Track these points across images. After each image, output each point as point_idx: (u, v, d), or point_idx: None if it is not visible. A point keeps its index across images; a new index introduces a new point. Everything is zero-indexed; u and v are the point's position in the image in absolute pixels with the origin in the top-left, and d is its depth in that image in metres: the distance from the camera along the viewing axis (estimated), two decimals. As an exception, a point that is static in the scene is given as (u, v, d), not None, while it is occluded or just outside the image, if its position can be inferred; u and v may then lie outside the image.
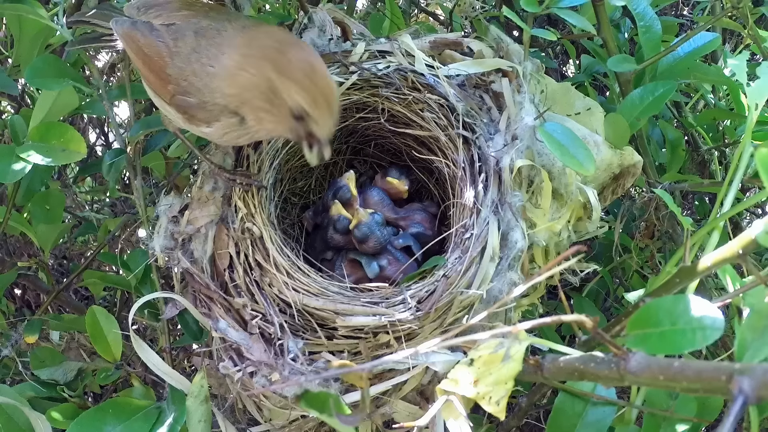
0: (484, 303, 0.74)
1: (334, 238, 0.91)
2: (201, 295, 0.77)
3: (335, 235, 0.90)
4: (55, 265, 1.34)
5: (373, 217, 0.88)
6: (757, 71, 0.66)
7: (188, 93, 0.69)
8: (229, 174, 0.80)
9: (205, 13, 0.72)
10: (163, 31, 0.70)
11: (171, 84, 0.69)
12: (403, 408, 0.73)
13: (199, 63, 0.68)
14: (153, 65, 0.70)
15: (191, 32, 0.69)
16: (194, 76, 0.68)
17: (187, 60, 0.68)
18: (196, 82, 0.68)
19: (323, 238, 0.94)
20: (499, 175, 0.78)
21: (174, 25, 0.70)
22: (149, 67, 0.71)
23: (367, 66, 0.86)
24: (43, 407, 0.78)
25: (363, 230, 0.87)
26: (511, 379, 0.50)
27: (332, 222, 0.90)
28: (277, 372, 0.69)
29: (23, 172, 0.76)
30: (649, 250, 1.07)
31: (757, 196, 0.66)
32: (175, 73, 0.69)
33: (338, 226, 0.89)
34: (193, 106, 0.69)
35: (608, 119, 0.83)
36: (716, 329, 0.42)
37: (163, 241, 0.79)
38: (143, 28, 0.72)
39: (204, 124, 0.70)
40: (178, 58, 0.69)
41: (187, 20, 0.71)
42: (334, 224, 0.90)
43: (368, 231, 0.87)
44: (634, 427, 0.66)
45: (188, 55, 0.68)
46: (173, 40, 0.69)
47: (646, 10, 0.88)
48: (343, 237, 0.90)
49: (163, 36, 0.70)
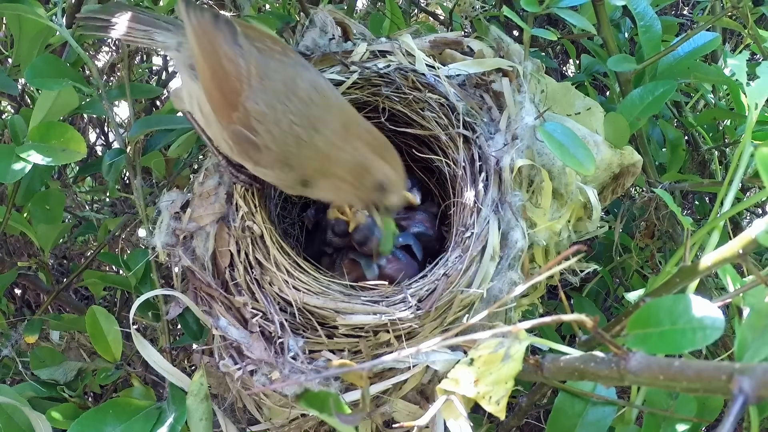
0: (485, 302, 0.74)
1: (333, 241, 0.91)
2: (202, 293, 0.77)
3: (334, 238, 0.91)
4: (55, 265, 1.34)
5: (372, 219, 0.88)
6: (757, 71, 0.66)
7: (256, 133, 0.67)
8: (235, 170, 0.80)
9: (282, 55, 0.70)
10: (247, 50, 0.67)
11: (239, 113, 0.66)
12: (403, 407, 0.73)
13: (286, 118, 0.67)
14: (227, 84, 0.66)
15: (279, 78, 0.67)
16: (276, 126, 0.66)
17: (272, 106, 0.66)
18: (275, 132, 0.67)
19: (322, 238, 0.94)
20: (499, 174, 0.78)
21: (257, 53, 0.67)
22: (221, 82, 0.66)
23: (368, 65, 0.86)
24: (43, 407, 0.78)
25: (363, 233, 0.87)
26: (511, 378, 0.50)
27: (330, 225, 0.90)
28: (277, 370, 0.69)
29: (23, 172, 0.75)
30: (649, 249, 1.07)
31: (757, 196, 0.66)
32: (252, 108, 0.66)
33: (336, 229, 0.90)
34: (253, 146, 0.67)
35: (608, 119, 0.83)
36: (716, 329, 0.42)
37: (164, 237, 0.79)
38: (227, 32, 0.67)
39: (253, 163, 0.70)
40: (261, 96, 0.66)
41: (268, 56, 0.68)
42: (332, 227, 0.90)
43: (368, 233, 0.87)
44: (634, 427, 0.66)
45: (274, 102, 0.66)
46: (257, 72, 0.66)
47: (646, 9, 0.88)
48: (341, 239, 0.90)
49: (246, 57, 0.66)
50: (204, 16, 0.68)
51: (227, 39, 0.67)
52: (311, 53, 0.87)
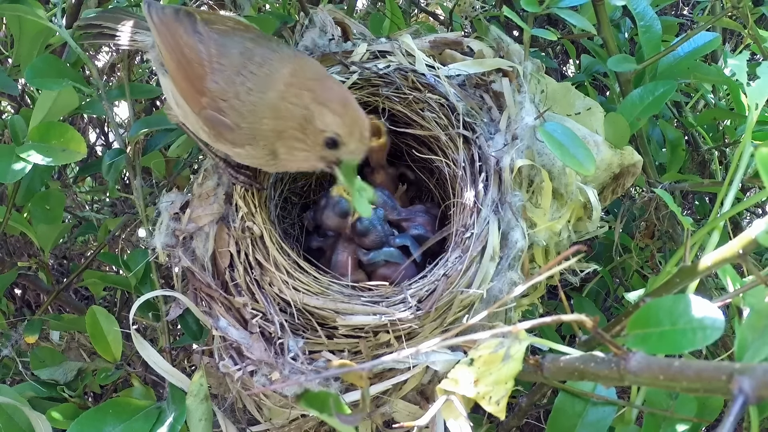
0: (485, 302, 0.74)
1: (330, 219, 0.89)
2: (202, 293, 0.77)
3: (332, 216, 0.88)
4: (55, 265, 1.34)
5: (376, 212, 0.87)
6: (757, 71, 0.66)
7: (223, 112, 0.67)
8: (234, 170, 0.80)
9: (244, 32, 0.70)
10: (205, 35, 0.67)
11: (206, 98, 0.67)
12: (403, 407, 0.73)
13: (244, 87, 0.66)
14: (191, 72, 0.67)
15: (237, 52, 0.67)
16: (236, 100, 0.66)
17: (231, 81, 0.66)
18: (238, 106, 0.66)
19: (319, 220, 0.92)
20: (499, 174, 0.78)
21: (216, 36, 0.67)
22: (186, 72, 0.67)
23: (368, 65, 0.86)
24: (43, 407, 0.78)
25: (365, 224, 0.86)
26: (511, 378, 0.50)
27: (331, 203, 0.88)
28: (277, 371, 0.69)
29: (23, 172, 0.75)
30: (649, 250, 1.07)
31: (757, 196, 0.66)
32: (215, 89, 0.66)
33: (337, 208, 0.87)
34: (225, 126, 0.67)
35: (608, 119, 0.83)
36: (716, 329, 0.42)
37: (164, 238, 0.79)
38: (187, 23, 0.68)
39: (230, 144, 0.69)
40: (221, 75, 0.66)
41: (228, 36, 0.68)
42: (333, 205, 0.88)
43: (370, 225, 0.86)
44: (634, 427, 0.66)
45: (232, 77, 0.66)
46: (216, 54, 0.66)
47: (646, 9, 0.88)
48: (339, 220, 0.88)
49: (206, 42, 0.67)
50: (165, 13, 0.69)
51: (187, 29, 0.68)
52: (311, 53, 0.87)
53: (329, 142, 0.66)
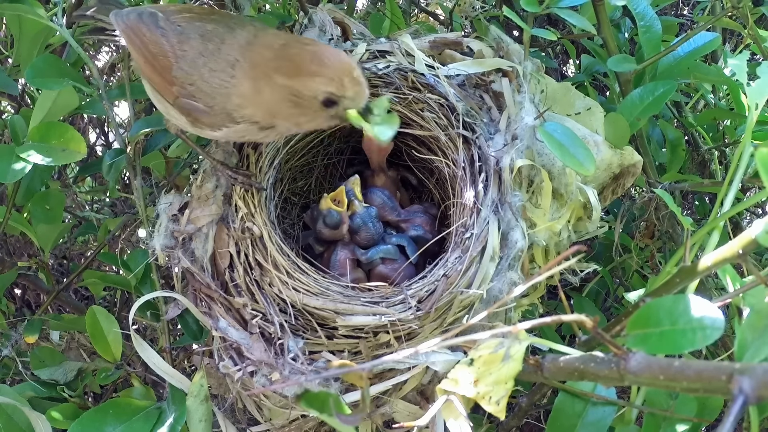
0: (484, 303, 0.74)
1: (323, 233, 0.91)
2: (201, 294, 0.77)
3: (324, 229, 0.90)
4: (55, 265, 1.34)
5: (367, 210, 0.90)
6: (757, 71, 0.66)
7: (194, 97, 0.68)
8: (232, 172, 0.80)
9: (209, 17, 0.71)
10: (168, 29, 0.69)
11: (176, 86, 0.69)
12: (403, 408, 0.73)
13: (206, 68, 0.67)
14: (158, 65, 0.69)
15: (197, 35, 0.69)
16: (202, 81, 0.68)
17: (194, 64, 0.68)
18: (204, 87, 0.68)
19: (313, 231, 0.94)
20: (499, 174, 0.78)
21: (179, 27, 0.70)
22: (153, 66, 0.70)
23: (367, 65, 0.86)
24: (43, 407, 0.78)
25: (357, 221, 0.89)
26: (511, 378, 0.50)
27: (322, 216, 0.90)
28: (277, 371, 0.70)
29: (23, 172, 0.75)
30: (649, 250, 1.07)
31: (757, 196, 0.66)
32: (181, 75, 0.68)
33: (328, 220, 0.89)
34: (199, 111, 0.69)
35: (608, 119, 0.83)
36: (716, 329, 0.42)
37: (163, 239, 0.79)
38: (149, 21, 0.70)
39: (208, 128, 0.70)
40: (184, 61, 0.68)
41: (190, 23, 0.70)
42: (323, 218, 0.89)
43: (361, 222, 0.89)
44: (634, 427, 0.66)
45: (194, 60, 0.68)
46: (178, 42, 0.69)
47: (646, 9, 0.88)
48: (332, 231, 0.90)
49: (168, 35, 0.69)
50: (130, 18, 0.71)
51: (150, 27, 0.70)
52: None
53: (327, 102, 0.65)
